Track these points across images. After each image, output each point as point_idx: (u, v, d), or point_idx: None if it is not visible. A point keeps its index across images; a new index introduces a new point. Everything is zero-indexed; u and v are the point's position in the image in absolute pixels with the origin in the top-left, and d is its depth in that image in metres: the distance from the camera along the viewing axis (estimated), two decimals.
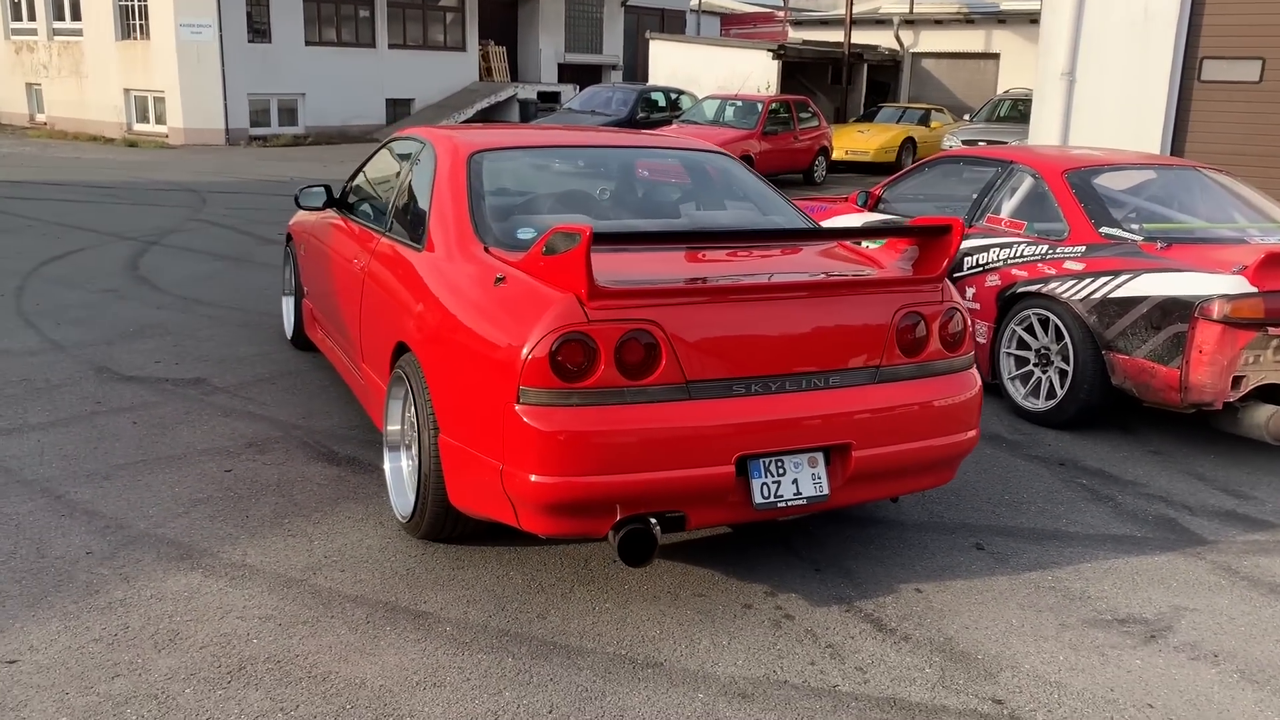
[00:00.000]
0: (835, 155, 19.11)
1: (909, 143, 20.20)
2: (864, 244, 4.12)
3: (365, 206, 5.07)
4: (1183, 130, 12.52)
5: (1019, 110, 19.85)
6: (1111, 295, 5.12)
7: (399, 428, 4.10)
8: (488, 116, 26.44)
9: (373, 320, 4.39)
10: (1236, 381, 4.82)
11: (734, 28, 36.35)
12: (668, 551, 3.88)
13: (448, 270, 3.77)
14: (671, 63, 24.53)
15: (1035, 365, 5.55)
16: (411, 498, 3.97)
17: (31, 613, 3.31)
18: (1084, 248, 5.37)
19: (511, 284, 3.41)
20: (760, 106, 17.27)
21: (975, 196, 6.19)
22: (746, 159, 15.08)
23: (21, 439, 4.78)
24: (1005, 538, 4.13)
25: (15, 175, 15.52)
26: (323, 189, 5.38)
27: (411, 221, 4.29)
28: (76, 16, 24.17)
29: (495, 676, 3.07)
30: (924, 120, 21.21)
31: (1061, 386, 5.38)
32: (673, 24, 33.19)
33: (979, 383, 3.72)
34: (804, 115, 18.02)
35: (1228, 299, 4.73)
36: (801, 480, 3.36)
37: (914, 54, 25.88)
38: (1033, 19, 23.07)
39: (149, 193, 14.05)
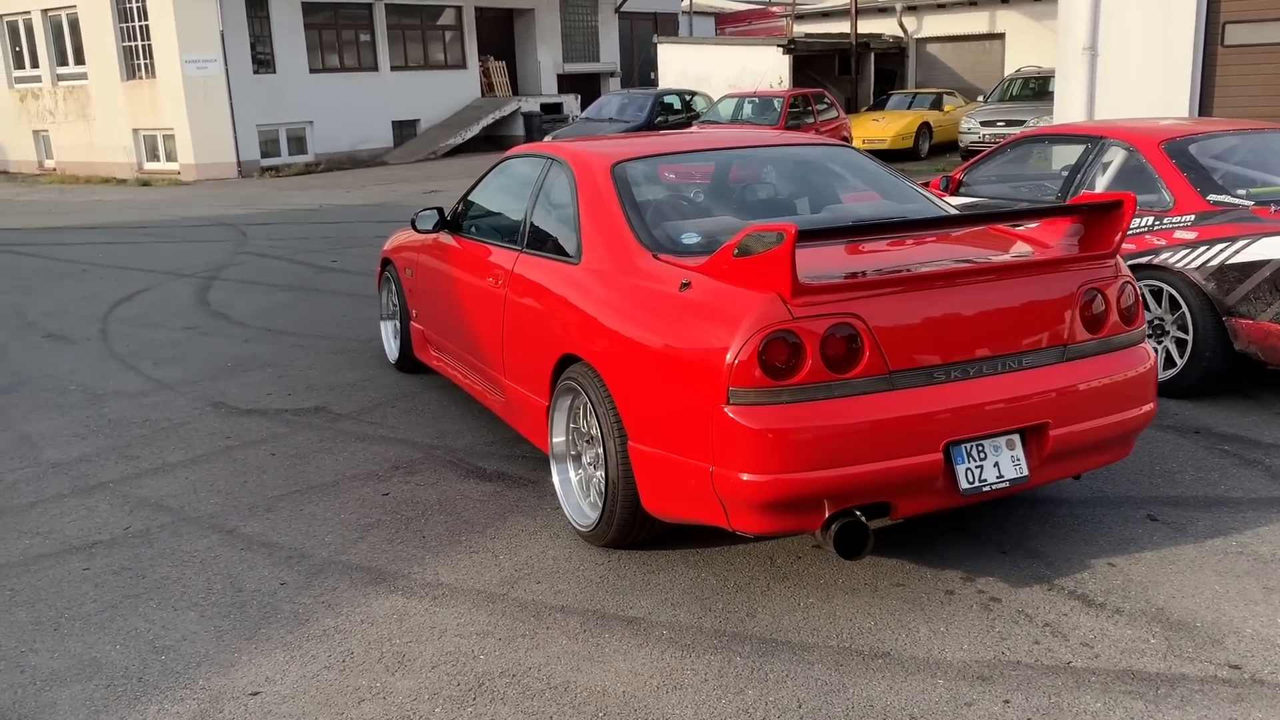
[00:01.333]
0: (854, 144, 19.12)
1: (925, 128, 20.25)
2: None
3: (487, 226, 5.10)
4: (1209, 96, 12.56)
5: (1031, 88, 19.94)
6: (1230, 261, 5.15)
7: (564, 439, 4.13)
8: (493, 132, 26.53)
9: (521, 337, 4.42)
10: None
11: (729, 26, 36.44)
12: None
13: (619, 280, 3.80)
14: (680, 65, 24.63)
15: (1150, 336, 5.58)
16: (586, 507, 4.00)
17: (253, 645, 3.34)
18: (1193, 216, 5.41)
19: (699, 288, 3.43)
20: (779, 103, 17.35)
21: (1066, 174, 6.22)
22: None
23: (169, 477, 4.80)
24: (1173, 508, 4.16)
25: (46, 222, 15.55)
26: (434, 211, 5.42)
27: (558, 237, 4.32)
28: (80, 60, 24.21)
29: (731, 676, 3.10)
30: (936, 104, 21.24)
31: (1180, 356, 5.42)
32: (666, 27, 33.24)
33: (1153, 355, 3.75)
34: (821, 107, 18.11)
35: None
36: (1002, 463, 3.39)
37: (918, 39, 25.94)
38: None
39: (185, 230, 14.08)
